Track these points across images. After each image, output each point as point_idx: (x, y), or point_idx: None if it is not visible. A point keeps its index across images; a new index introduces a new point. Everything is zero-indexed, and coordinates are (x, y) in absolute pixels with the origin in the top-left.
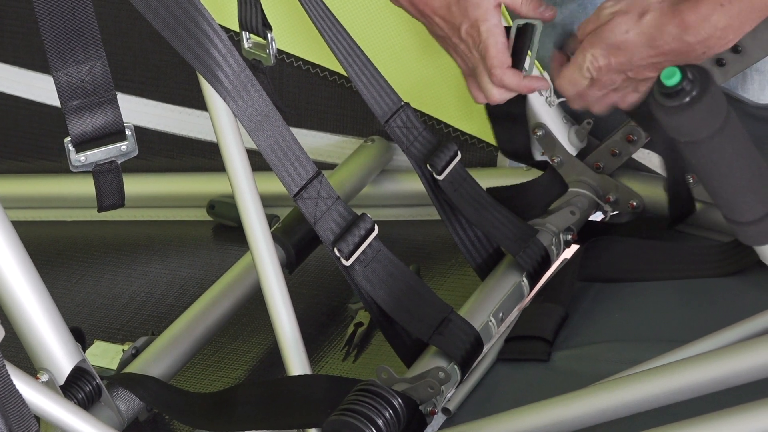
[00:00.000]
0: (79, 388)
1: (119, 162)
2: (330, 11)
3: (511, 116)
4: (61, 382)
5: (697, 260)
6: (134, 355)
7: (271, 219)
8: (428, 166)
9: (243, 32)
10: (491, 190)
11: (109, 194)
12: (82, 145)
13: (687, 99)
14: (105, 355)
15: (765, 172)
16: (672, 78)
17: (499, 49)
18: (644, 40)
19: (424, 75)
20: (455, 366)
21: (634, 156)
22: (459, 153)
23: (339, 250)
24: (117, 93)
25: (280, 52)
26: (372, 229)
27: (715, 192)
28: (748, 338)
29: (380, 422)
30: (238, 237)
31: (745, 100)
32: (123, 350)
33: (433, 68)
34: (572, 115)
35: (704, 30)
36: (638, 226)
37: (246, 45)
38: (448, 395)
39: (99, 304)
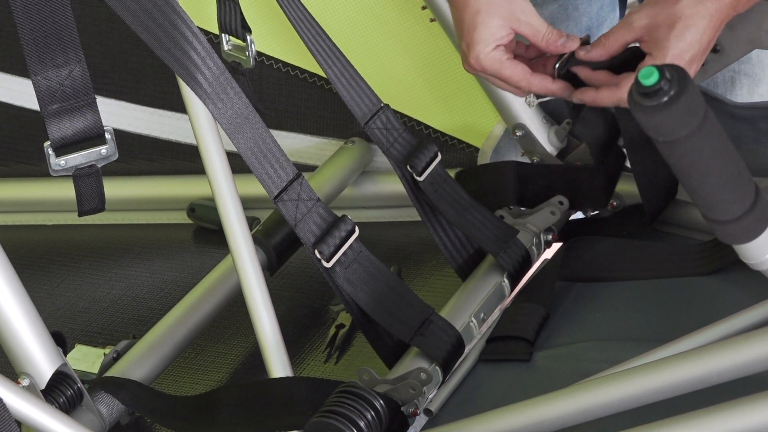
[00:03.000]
0: (61, 392)
1: (99, 166)
2: (309, 13)
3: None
4: (42, 386)
5: (677, 259)
6: (115, 359)
7: (251, 221)
8: (408, 167)
9: (222, 34)
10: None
11: (90, 198)
12: (61, 149)
13: (665, 98)
14: (86, 358)
15: (743, 171)
16: (650, 77)
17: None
18: (707, 22)
19: (403, 76)
20: (437, 367)
21: None
22: (439, 154)
23: (320, 252)
24: (96, 96)
25: (259, 54)
26: (353, 231)
27: (694, 191)
28: (728, 337)
29: (362, 424)
30: (219, 240)
31: (724, 99)
32: (104, 354)
33: (413, 70)
34: (552, 116)
35: None
36: (620, 222)
37: (225, 47)
38: (430, 396)
39: (80, 307)
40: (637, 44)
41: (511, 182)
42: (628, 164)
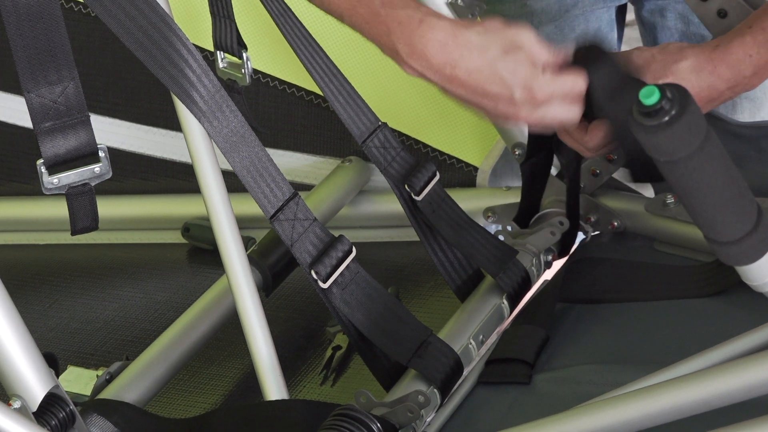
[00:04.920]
0: (53, 414)
1: (93, 184)
2: (306, 30)
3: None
4: (34, 408)
5: (679, 281)
6: (108, 381)
7: (247, 241)
8: (406, 186)
9: (218, 52)
10: None
11: (83, 217)
12: (54, 167)
13: (666, 118)
14: (79, 380)
15: (745, 192)
16: (651, 97)
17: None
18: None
19: (401, 95)
20: (435, 389)
21: (615, 175)
22: (437, 173)
23: (316, 273)
24: (90, 114)
25: (255, 71)
26: (350, 251)
27: (695, 212)
28: (731, 359)
29: None
30: (214, 260)
31: (726, 118)
32: (97, 375)
33: (411, 88)
34: None
35: (733, 77)
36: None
37: (221, 65)
38: (428, 419)
39: (72, 328)
40: None
41: None
42: (625, 182)
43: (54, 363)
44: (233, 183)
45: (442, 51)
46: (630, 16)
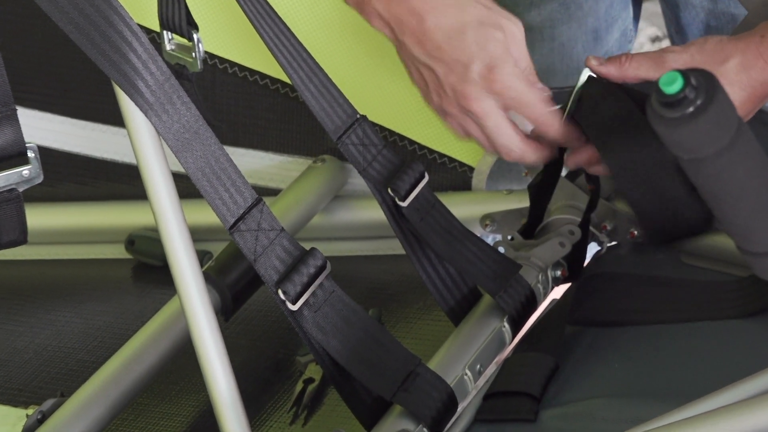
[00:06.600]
0: None
1: (21, 190)
2: (271, 8)
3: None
4: None
5: (710, 299)
6: (40, 421)
7: (202, 256)
8: (390, 190)
9: (164, 32)
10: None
11: (9, 229)
12: None
13: (690, 109)
14: (5, 421)
15: None
16: (673, 85)
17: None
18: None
19: (383, 83)
20: (424, 429)
21: None
22: (426, 175)
23: (284, 292)
24: (17, 107)
25: (211, 56)
26: (323, 267)
27: (726, 218)
28: None
29: None
30: (164, 278)
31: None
32: (27, 415)
33: (394, 75)
34: None
35: None
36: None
37: (168, 47)
38: None
39: None
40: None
41: None
42: None
43: None
44: (186, 187)
45: None
46: None
